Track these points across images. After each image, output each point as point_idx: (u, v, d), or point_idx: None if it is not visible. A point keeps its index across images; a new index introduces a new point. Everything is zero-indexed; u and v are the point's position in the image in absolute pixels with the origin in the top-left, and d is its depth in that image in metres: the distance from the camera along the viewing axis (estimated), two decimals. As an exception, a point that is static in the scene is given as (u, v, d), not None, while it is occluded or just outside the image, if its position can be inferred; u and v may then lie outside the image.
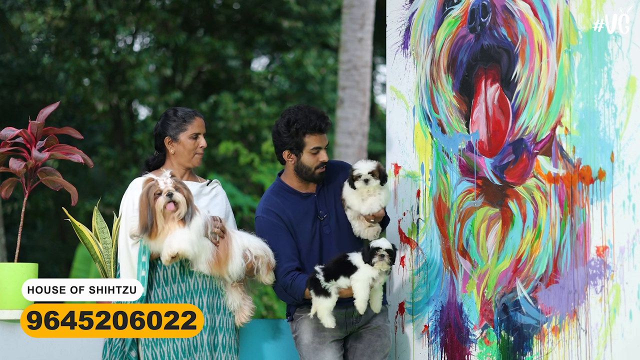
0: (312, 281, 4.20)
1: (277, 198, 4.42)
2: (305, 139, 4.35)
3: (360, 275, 4.16)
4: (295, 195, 4.43)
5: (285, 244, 4.35)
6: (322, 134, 4.37)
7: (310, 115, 4.34)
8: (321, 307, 4.19)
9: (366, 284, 4.16)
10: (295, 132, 4.33)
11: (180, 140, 4.37)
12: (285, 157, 4.41)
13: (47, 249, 15.58)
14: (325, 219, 4.42)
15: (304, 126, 4.33)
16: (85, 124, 15.80)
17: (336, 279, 4.16)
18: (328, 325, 4.21)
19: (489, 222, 4.38)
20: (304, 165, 4.38)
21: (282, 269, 4.33)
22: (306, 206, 4.42)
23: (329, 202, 4.45)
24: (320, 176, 4.41)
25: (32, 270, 4.17)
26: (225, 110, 14.41)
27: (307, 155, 4.37)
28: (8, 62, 14.32)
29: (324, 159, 4.38)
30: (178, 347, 4.20)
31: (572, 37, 4.12)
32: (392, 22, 4.90)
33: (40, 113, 4.33)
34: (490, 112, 4.41)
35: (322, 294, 4.18)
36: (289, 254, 4.35)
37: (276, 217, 4.38)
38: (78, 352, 4.24)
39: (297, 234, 4.38)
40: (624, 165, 3.93)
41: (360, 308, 4.17)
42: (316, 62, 15.06)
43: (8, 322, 4.12)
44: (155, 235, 4.12)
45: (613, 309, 3.92)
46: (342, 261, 4.19)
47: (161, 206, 4.11)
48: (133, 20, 15.21)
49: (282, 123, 4.37)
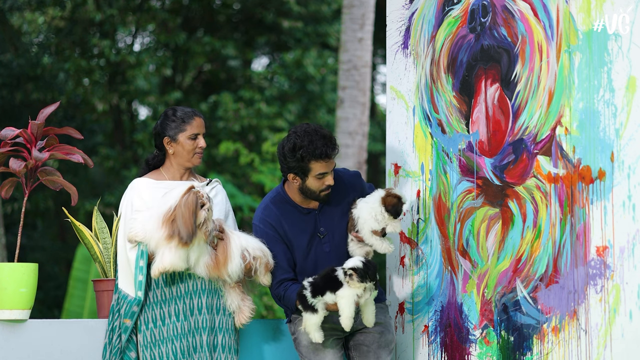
0: (300, 297, 4.19)
1: (275, 209, 4.38)
2: (310, 165, 4.24)
3: (345, 292, 4.13)
4: (294, 209, 4.39)
5: (280, 256, 4.33)
6: (329, 159, 4.27)
7: (316, 142, 4.21)
8: (308, 323, 4.19)
9: (351, 300, 4.13)
10: (300, 158, 4.22)
11: (179, 140, 4.36)
12: (291, 179, 4.32)
13: (47, 249, 15.58)
14: (326, 237, 4.39)
15: (310, 153, 4.21)
16: (85, 124, 15.80)
17: (322, 294, 4.14)
18: (316, 340, 4.20)
19: (489, 222, 4.38)
20: (308, 188, 4.31)
21: (276, 280, 4.33)
22: (305, 222, 4.38)
23: (332, 219, 4.41)
24: (325, 197, 4.35)
25: (32, 270, 4.17)
26: (225, 110, 14.41)
27: (312, 179, 4.28)
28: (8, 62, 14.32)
29: (329, 182, 4.30)
30: (177, 348, 4.20)
31: (572, 37, 4.12)
32: (392, 22, 4.90)
33: (40, 113, 4.33)
34: (490, 112, 4.41)
35: (310, 310, 4.16)
36: (284, 266, 4.34)
37: (272, 228, 4.35)
38: (78, 352, 4.24)
39: (294, 246, 4.36)
40: (624, 165, 3.93)
41: (346, 325, 4.14)
42: (316, 62, 15.06)
43: (8, 322, 4.12)
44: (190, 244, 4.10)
45: (613, 309, 3.92)
46: (330, 276, 4.16)
47: (202, 219, 4.08)
48: (133, 20, 15.21)
49: (287, 147, 4.25)
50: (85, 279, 11.25)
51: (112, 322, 4.22)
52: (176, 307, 4.24)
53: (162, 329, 4.21)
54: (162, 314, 4.23)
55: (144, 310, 4.23)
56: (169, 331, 4.21)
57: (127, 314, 4.19)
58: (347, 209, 4.42)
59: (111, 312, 4.25)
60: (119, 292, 4.23)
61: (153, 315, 4.22)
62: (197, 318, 4.24)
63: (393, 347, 4.42)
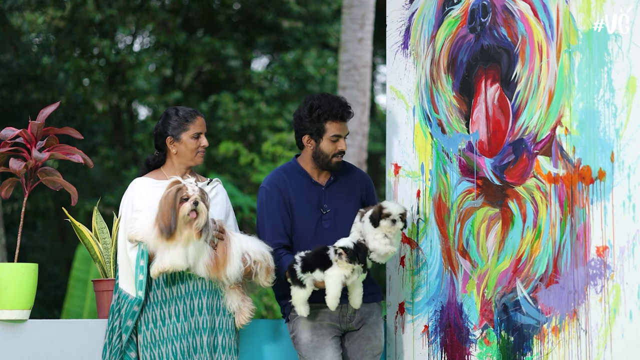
0: (290, 270, 4.24)
1: (285, 175, 4.47)
2: (326, 125, 4.39)
3: (333, 272, 4.18)
4: (304, 178, 4.46)
5: (279, 219, 4.38)
6: (344, 122, 4.42)
7: (333, 103, 4.39)
8: (295, 297, 4.25)
9: (338, 280, 4.18)
10: (317, 118, 4.38)
11: (182, 140, 4.36)
12: (305, 142, 4.45)
13: (47, 249, 15.58)
14: (328, 214, 4.44)
15: (326, 112, 4.37)
16: (85, 124, 15.81)
17: (312, 271, 4.20)
18: (301, 313, 4.25)
19: (489, 222, 4.38)
20: (322, 151, 4.42)
21: (272, 243, 4.35)
22: (311, 193, 4.45)
23: (337, 199, 4.46)
24: (336, 165, 4.44)
25: (32, 270, 4.17)
26: (225, 110, 14.41)
27: (326, 141, 4.40)
28: (8, 62, 14.32)
29: (342, 147, 4.41)
30: (177, 348, 4.20)
31: (572, 37, 4.12)
32: (392, 22, 4.90)
33: (40, 113, 4.33)
34: (490, 112, 4.41)
35: (298, 284, 4.23)
36: (281, 231, 4.38)
37: (278, 192, 4.42)
38: (78, 352, 4.24)
39: (295, 215, 4.41)
40: (624, 165, 3.93)
41: (331, 305, 4.19)
42: (316, 62, 15.06)
43: (8, 322, 4.12)
44: (172, 239, 4.10)
45: (613, 309, 3.92)
46: (321, 254, 4.21)
47: (186, 212, 4.08)
48: (133, 20, 15.21)
49: (305, 108, 4.41)
50: (85, 279, 11.25)
51: (112, 322, 4.22)
52: (176, 308, 4.24)
53: (163, 330, 4.21)
54: (163, 314, 4.23)
55: (145, 311, 4.23)
56: (169, 331, 4.21)
57: (127, 313, 4.19)
58: (352, 194, 4.49)
59: (111, 312, 4.24)
60: (120, 292, 4.23)
61: (153, 315, 4.22)
62: (197, 319, 4.24)
63: (379, 352, 4.48)
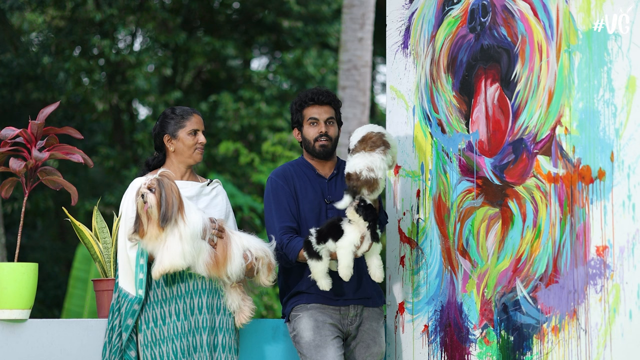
0: (306, 243, 4.27)
1: (291, 168, 4.57)
2: (303, 112, 4.52)
3: (343, 242, 4.20)
4: (309, 170, 4.55)
5: (286, 205, 4.44)
6: (319, 105, 4.51)
7: (307, 92, 4.54)
8: (315, 271, 4.27)
9: (349, 250, 4.19)
10: (296, 109, 4.55)
11: (179, 137, 4.39)
12: (296, 135, 4.59)
13: (47, 249, 15.58)
14: (332, 204, 4.47)
15: (301, 100, 4.53)
16: (85, 123, 15.80)
17: (325, 241, 4.22)
18: (323, 287, 4.27)
19: (488, 222, 4.38)
20: (305, 139, 4.54)
21: (280, 226, 4.40)
22: (315, 183, 4.52)
23: (339, 190, 4.48)
24: (321, 150, 4.51)
25: (32, 270, 4.17)
26: (225, 110, 14.41)
27: (306, 127, 4.52)
28: (8, 62, 14.31)
29: (321, 130, 4.49)
30: (177, 347, 4.20)
31: (572, 37, 4.12)
32: (392, 22, 4.90)
33: (40, 113, 4.33)
34: (490, 112, 4.41)
35: (315, 257, 4.25)
36: (289, 214, 4.43)
37: (284, 181, 4.50)
38: (78, 352, 4.24)
39: (300, 202, 4.47)
40: (623, 165, 3.93)
41: (344, 275, 4.19)
42: (316, 62, 15.06)
43: (8, 322, 4.12)
44: (142, 235, 4.14)
45: (613, 308, 3.92)
46: (334, 225, 4.24)
47: (139, 206, 4.13)
48: (133, 20, 15.21)
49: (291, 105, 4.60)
50: (85, 279, 11.25)
51: (112, 321, 4.22)
52: (176, 307, 4.24)
53: (163, 328, 4.22)
54: (163, 313, 4.23)
55: (145, 310, 4.23)
56: (169, 330, 4.21)
57: (127, 312, 4.19)
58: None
59: (111, 311, 4.25)
60: (120, 291, 4.23)
61: (153, 314, 4.23)
62: (197, 318, 4.25)
63: (381, 357, 4.50)
